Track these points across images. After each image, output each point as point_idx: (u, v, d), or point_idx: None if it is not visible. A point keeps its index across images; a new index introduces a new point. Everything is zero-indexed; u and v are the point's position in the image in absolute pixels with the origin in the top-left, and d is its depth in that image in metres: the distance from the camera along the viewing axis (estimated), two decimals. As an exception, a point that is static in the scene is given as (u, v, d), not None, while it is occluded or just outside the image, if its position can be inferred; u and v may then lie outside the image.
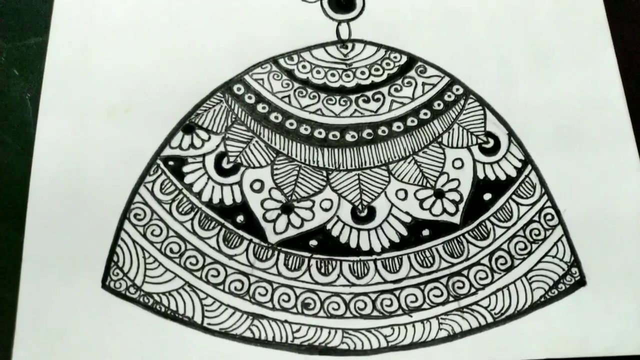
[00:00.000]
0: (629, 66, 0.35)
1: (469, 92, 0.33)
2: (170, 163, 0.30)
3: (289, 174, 0.31)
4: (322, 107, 0.33)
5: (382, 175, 0.31)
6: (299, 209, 0.30)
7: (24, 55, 0.33)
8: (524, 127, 0.32)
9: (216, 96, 0.32)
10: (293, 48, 0.33)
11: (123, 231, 0.29)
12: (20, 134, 0.31)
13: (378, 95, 0.33)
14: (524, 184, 0.31)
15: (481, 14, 0.35)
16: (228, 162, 0.31)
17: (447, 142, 0.32)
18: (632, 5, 0.37)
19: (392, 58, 0.34)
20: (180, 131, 0.31)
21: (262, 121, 0.32)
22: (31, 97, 0.32)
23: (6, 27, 0.34)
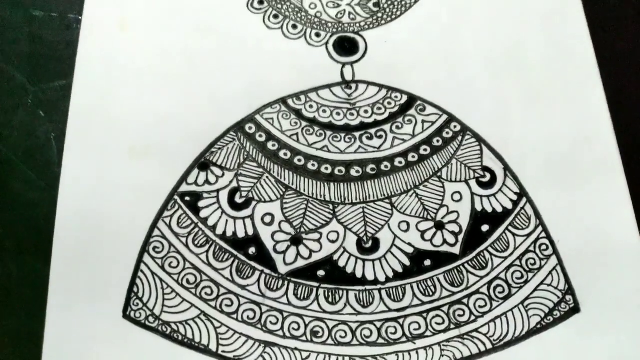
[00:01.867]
0: (618, 103, 0.36)
1: (466, 129, 0.35)
2: (186, 198, 0.32)
3: (297, 207, 0.33)
4: (328, 144, 0.35)
5: (385, 208, 0.33)
6: (307, 240, 0.32)
7: (49, 97, 0.36)
8: (519, 161, 0.34)
9: (229, 135, 0.34)
10: (300, 89, 0.36)
11: (143, 263, 0.31)
12: (45, 172, 0.33)
13: (381, 132, 0.35)
14: (519, 216, 0.33)
15: (476, 56, 0.37)
16: (240, 197, 0.33)
17: (446, 177, 0.34)
18: (619, 47, 0.39)
19: (394, 97, 0.36)
20: (196, 168, 0.33)
21: (272, 158, 0.34)
22: (56, 137, 0.34)
23: (33, 71, 0.36)
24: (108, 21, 0.36)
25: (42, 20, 0.38)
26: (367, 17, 0.38)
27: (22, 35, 0.37)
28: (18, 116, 0.35)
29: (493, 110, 0.35)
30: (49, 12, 0.38)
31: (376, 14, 0.38)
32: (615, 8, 0.41)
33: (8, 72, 0.36)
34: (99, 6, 0.37)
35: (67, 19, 0.38)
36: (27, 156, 0.34)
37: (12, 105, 0.35)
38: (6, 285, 0.31)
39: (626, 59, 0.39)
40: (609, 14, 0.40)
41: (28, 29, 0.37)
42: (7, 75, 0.36)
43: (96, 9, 0.37)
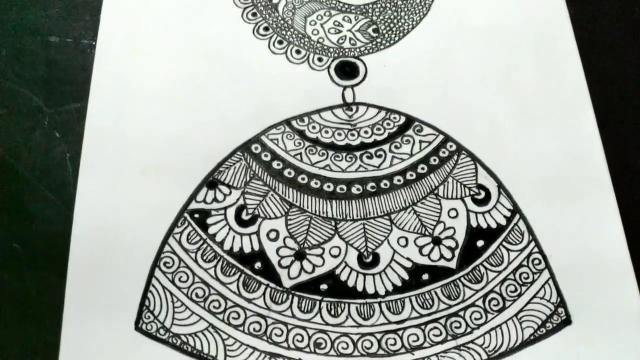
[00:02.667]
0: (607, 123, 0.38)
1: (462, 148, 0.37)
2: (195, 216, 0.34)
3: (301, 224, 0.34)
4: (330, 163, 0.36)
5: (385, 224, 0.34)
6: (310, 255, 0.34)
7: (64, 119, 0.37)
8: (512, 179, 0.35)
9: (236, 155, 0.36)
10: (304, 111, 0.37)
11: (154, 278, 0.32)
12: (61, 191, 0.35)
13: (380, 152, 0.37)
14: (513, 231, 0.34)
15: (471, 78, 0.38)
16: (247, 214, 0.34)
17: (443, 194, 0.35)
18: (608, 69, 0.41)
19: (392, 119, 0.37)
20: (204, 187, 0.35)
21: (277, 177, 0.36)
22: (71, 157, 0.36)
23: (49, 94, 0.38)
24: (121, 46, 0.38)
25: (57, 46, 0.40)
26: (367, 42, 0.40)
27: (39, 60, 0.39)
28: (35, 137, 0.37)
29: (487, 131, 0.37)
30: (64, 38, 0.40)
31: (375, 40, 0.40)
32: (604, 32, 0.42)
33: (25, 96, 0.38)
34: (112, 32, 0.39)
35: (82, 45, 0.39)
36: (44, 176, 0.35)
37: (30, 127, 0.37)
38: (24, 299, 0.33)
39: (615, 81, 0.40)
40: (598, 37, 0.42)
41: (44, 54, 0.39)
42: (24, 98, 0.38)
43: (110, 35, 0.38)
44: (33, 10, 0.41)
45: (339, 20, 0.40)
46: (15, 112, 0.37)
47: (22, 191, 0.35)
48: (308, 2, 0.40)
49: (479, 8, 0.41)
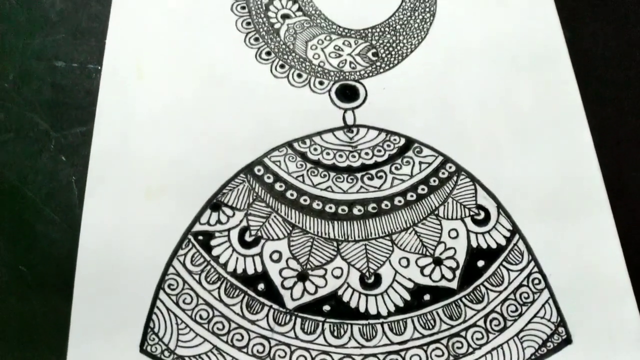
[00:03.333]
0: (604, 143, 0.38)
1: (461, 169, 0.37)
2: (199, 238, 0.34)
3: (303, 245, 0.35)
4: (331, 184, 0.37)
5: (386, 245, 0.35)
6: (313, 276, 0.34)
7: (70, 142, 0.38)
8: (511, 200, 0.36)
9: (239, 177, 0.36)
10: (306, 133, 0.38)
11: (159, 300, 0.33)
12: (67, 213, 0.35)
13: (381, 173, 0.37)
14: (512, 251, 0.35)
15: (469, 101, 0.39)
16: (250, 235, 0.35)
17: (443, 215, 0.36)
18: (603, 91, 0.42)
19: (392, 140, 0.38)
20: (208, 209, 0.35)
21: (280, 198, 0.36)
22: (76, 180, 0.36)
23: (55, 118, 0.39)
24: (126, 71, 0.39)
25: (63, 71, 0.40)
26: (367, 66, 0.40)
27: (45, 85, 0.40)
28: (41, 161, 0.37)
29: (486, 152, 0.37)
30: (70, 62, 0.41)
31: (375, 63, 0.41)
32: (599, 54, 0.43)
33: (32, 119, 0.38)
34: (117, 57, 0.39)
35: (87, 69, 0.40)
36: (50, 198, 0.36)
37: (36, 150, 0.37)
38: (30, 321, 0.33)
39: (610, 102, 0.41)
40: (593, 59, 0.43)
41: (51, 78, 0.40)
42: (31, 122, 0.38)
43: (115, 60, 0.39)
44: (39, 36, 0.42)
45: (339, 45, 0.41)
46: (22, 135, 0.38)
47: (29, 214, 0.36)
48: (309, 27, 0.41)
49: (476, 31, 0.42)
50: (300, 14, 0.42)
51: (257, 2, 0.42)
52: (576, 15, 0.44)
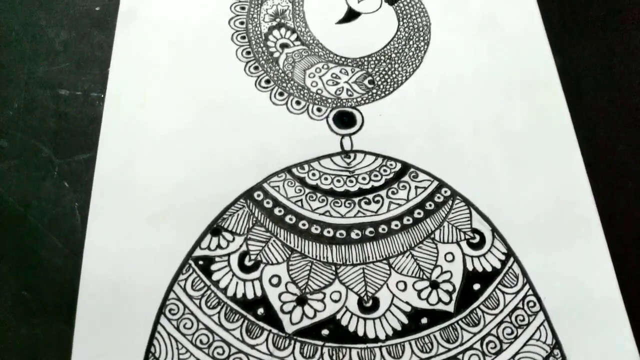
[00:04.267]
0: (595, 167, 0.39)
1: (456, 193, 0.38)
2: (200, 262, 0.35)
3: (302, 269, 0.35)
4: (329, 209, 0.37)
5: (383, 268, 0.36)
6: (312, 300, 0.34)
7: (73, 169, 0.39)
8: (506, 223, 0.37)
9: (239, 202, 0.37)
10: (304, 159, 0.39)
11: (159, 325, 0.33)
12: (70, 239, 0.36)
13: (378, 197, 0.38)
14: (508, 274, 0.36)
15: (463, 126, 0.40)
16: (250, 260, 0.35)
17: (439, 238, 0.37)
18: (594, 115, 0.43)
19: (389, 165, 0.39)
20: (209, 234, 0.36)
21: (279, 223, 0.37)
22: (79, 206, 0.37)
23: (59, 145, 0.39)
24: (129, 99, 0.40)
25: (67, 99, 0.41)
26: (363, 93, 0.42)
27: (49, 113, 0.41)
28: (45, 187, 0.38)
29: (480, 176, 0.38)
30: (74, 91, 0.42)
31: (371, 90, 0.42)
32: (588, 79, 0.44)
33: (36, 146, 0.39)
34: (120, 85, 0.40)
35: (91, 97, 0.41)
36: (53, 224, 0.37)
37: (40, 176, 0.38)
38: (32, 346, 0.33)
39: (601, 126, 0.42)
40: (583, 85, 0.44)
41: (55, 106, 0.41)
42: (35, 149, 0.39)
43: (118, 88, 0.40)
44: (44, 64, 0.43)
45: (337, 73, 0.42)
46: (25, 162, 0.39)
47: (32, 240, 0.36)
48: (307, 56, 0.43)
49: (469, 59, 0.43)
50: (298, 43, 0.43)
51: (256, 32, 0.43)
52: (566, 42, 0.45)
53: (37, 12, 0.45)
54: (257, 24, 0.44)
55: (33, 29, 0.44)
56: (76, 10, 0.45)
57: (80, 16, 0.45)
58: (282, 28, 0.44)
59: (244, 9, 0.44)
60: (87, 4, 0.45)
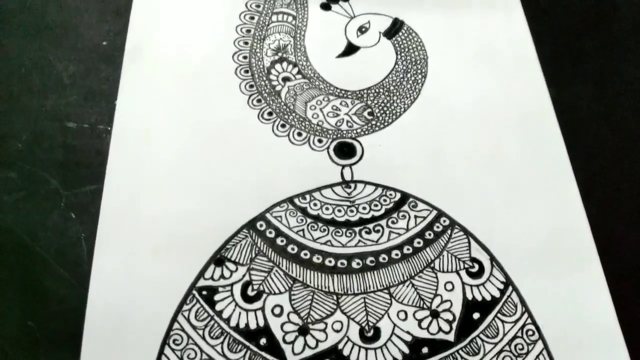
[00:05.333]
0: (591, 196, 0.40)
1: (455, 223, 0.39)
2: (203, 293, 0.36)
3: (304, 299, 0.36)
4: (331, 238, 0.38)
5: (384, 298, 0.36)
6: (313, 330, 0.35)
7: (80, 201, 0.39)
8: (504, 252, 0.37)
9: (242, 232, 0.38)
10: (305, 189, 0.39)
11: (164, 355, 0.33)
12: (76, 269, 0.37)
13: (378, 227, 0.39)
14: (507, 303, 0.36)
15: (461, 156, 0.41)
16: (252, 289, 0.36)
17: (439, 267, 0.37)
18: (588, 146, 0.44)
19: (388, 195, 0.40)
20: (212, 264, 0.37)
21: (281, 253, 0.37)
22: (85, 237, 0.38)
23: (66, 177, 0.40)
24: (135, 132, 0.41)
25: (75, 131, 0.42)
26: (363, 124, 0.43)
27: (57, 145, 0.42)
28: (52, 218, 0.39)
29: (478, 206, 0.39)
30: (81, 123, 0.43)
31: (371, 122, 0.43)
32: (582, 110, 0.46)
33: (43, 178, 0.40)
34: (127, 118, 0.42)
35: (98, 130, 0.42)
36: (59, 255, 0.37)
37: (47, 208, 0.39)
38: (38, 378, 0.34)
39: (595, 156, 0.43)
40: (577, 115, 0.45)
41: (62, 139, 0.42)
42: (42, 181, 0.40)
43: (125, 121, 0.41)
44: (52, 98, 0.44)
45: (337, 105, 0.43)
46: (33, 194, 0.40)
47: (38, 270, 0.37)
48: (308, 88, 0.44)
49: (466, 91, 0.44)
50: (300, 76, 0.44)
51: (259, 66, 0.45)
52: (560, 74, 0.47)
53: (46, 46, 0.46)
54: (259, 58, 0.45)
55: (42, 63, 0.45)
56: (84, 45, 0.46)
57: (88, 51, 0.46)
58: (284, 62, 0.45)
59: (247, 44, 0.46)
60: (95, 39, 0.46)
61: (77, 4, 0.48)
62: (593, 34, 0.50)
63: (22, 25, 0.47)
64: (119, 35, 0.46)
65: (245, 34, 0.46)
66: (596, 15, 0.51)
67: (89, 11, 0.48)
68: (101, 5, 0.48)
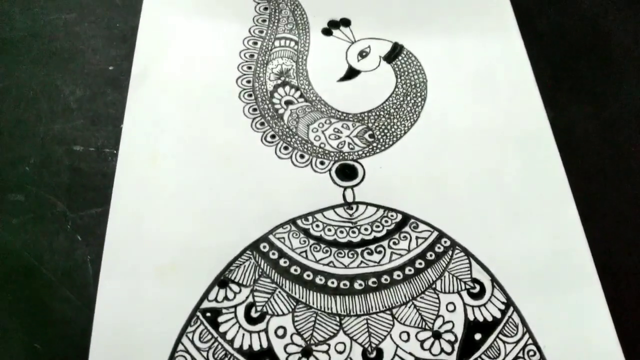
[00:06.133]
0: (590, 217, 0.40)
1: (455, 244, 0.39)
2: (207, 314, 0.36)
3: (307, 320, 0.36)
4: (333, 259, 0.39)
5: (387, 319, 0.36)
6: (317, 352, 0.35)
7: (86, 223, 0.40)
8: (504, 273, 0.38)
9: (246, 254, 0.38)
10: (308, 211, 0.40)
11: (168, 377, 0.34)
12: (81, 292, 0.37)
13: (380, 248, 0.39)
14: (508, 324, 0.36)
15: (461, 178, 0.42)
16: (256, 311, 0.36)
17: (440, 288, 0.38)
18: (586, 166, 0.44)
19: (390, 216, 0.40)
20: (216, 286, 0.37)
21: (284, 274, 0.38)
22: (91, 260, 0.38)
23: (72, 200, 0.41)
24: (141, 155, 0.42)
25: (81, 155, 0.43)
26: (364, 146, 0.43)
27: (64, 168, 0.42)
28: (58, 241, 0.39)
29: (478, 227, 0.40)
30: (87, 147, 0.43)
31: (372, 144, 0.44)
32: (580, 132, 0.46)
33: (50, 201, 0.41)
34: (133, 142, 0.42)
35: (104, 153, 0.43)
36: (66, 277, 0.38)
37: (53, 230, 0.40)
38: (43, 401, 0.34)
39: (594, 178, 0.44)
40: (575, 138, 0.46)
41: (69, 162, 0.43)
42: (49, 204, 0.41)
43: (130, 144, 0.42)
44: (59, 122, 0.45)
45: (339, 127, 0.44)
46: (40, 216, 0.40)
47: (45, 292, 0.37)
48: (310, 111, 0.45)
49: (465, 114, 0.45)
50: (302, 100, 0.45)
51: (262, 90, 0.46)
52: (557, 97, 0.47)
53: (54, 71, 0.47)
54: (263, 83, 0.46)
55: (50, 88, 0.46)
56: (91, 69, 0.47)
57: (95, 75, 0.47)
58: (286, 86, 0.46)
59: (251, 69, 0.47)
60: (101, 64, 0.48)
61: (84, 30, 0.50)
62: (589, 58, 0.51)
63: (31, 51, 0.48)
64: (125, 60, 0.47)
65: (248, 58, 0.47)
66: (591, 39, 0.52)
67: (95, 37, 0.49)
68: (107, 31, 0.50)
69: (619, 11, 0.54)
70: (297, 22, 0.50)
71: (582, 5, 0.54)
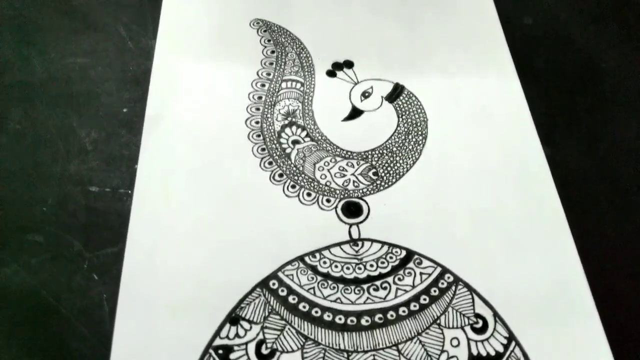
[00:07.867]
0: (587, 250, 0.42)
1: (458, 279, 0.41)
2: (219, 352, 0.37)
3: (316, 357, 0.37)
4: (340, 296, 0.40)
5: (393, 355, 0.38)
6: (326, 387, 0.36)
7: (102, 262, 0.41)
8: (506, 308, 0.39)
9: (256, 291, 0.40)
10: (315, 248, 0.41)
11: (183, 414, 0.35)
12: (97, 329, 0.38)
13: (385, 284, 0.40)
14: (510, 358, 0.37)
15: (462, 213, 0.43)
16: (266, 348, 0.38)
17: (445, 324, 0.39)
18: (583, 199, 0.46)
19: (394, 253, 0.42)
20: (227, 323, 0.38)
21: (293, 311, 0.39)
22: (107, 298, 0.40)
23: (89, 240, 0.43)
24: (155, 195, 0.43)
25: (97, 195, 0.45)
26: (369, 184, 0.45)
27: (80, 208, 0.44)
28: (75, 280, 0.41)
29: (480, 262, 0.41)
30: (103, 187, 0.45)
31: (376, 182, 0.45)
32: (576, 167, 0.48)
33: (67, 241, 0.42)
34: (147, 182, 0.44)
35: (119, 194, 0.45)
36: (82, 315, 0.39)
37: (71, 270, 0.41)
38: None
39: (591, 212, 0.45)
40: (571, 172, 0.47)
41: (85, 202, 0.44)
42: (66, 244, 0.42)
43: (145, 186, 0.44)
44: (75, 163, 0.47)
45: (344, 166, 0.46)
46: (57, 256, 0.42)
47: (62, 330, 0.39)
48: (316, 150, 0.47)
49: (465, 150, 0.47)
50: (308, 139, 0.47)
51: (270, 131, 0.48)
52: (554, 133, 0.49)
53: (70, 114, 0.49)
54: (270, 123, 0.48)
55: (66, 130, 0.48)
56: (105, 112, 0.49)
57: (109, 118, 0.49)
58: (293, 126, 0.48)
59: (259, 110, 0.49)
60: (116, 107, 0.50)
61: (98, 74, 0.52)
62: (584, 95, 0.53)
63: (48, 94, 0.50)
64: (138, 102, 0.49)
65: (257, 100, 0.49)
66: (586, 77, 0.54)
67: (109, 80, 0.51)
68: (121, 74, 0.52)
69: (613, 49, 0.56)
70: (303, 64, 0.52)
71: (577, 45, 0.56)
